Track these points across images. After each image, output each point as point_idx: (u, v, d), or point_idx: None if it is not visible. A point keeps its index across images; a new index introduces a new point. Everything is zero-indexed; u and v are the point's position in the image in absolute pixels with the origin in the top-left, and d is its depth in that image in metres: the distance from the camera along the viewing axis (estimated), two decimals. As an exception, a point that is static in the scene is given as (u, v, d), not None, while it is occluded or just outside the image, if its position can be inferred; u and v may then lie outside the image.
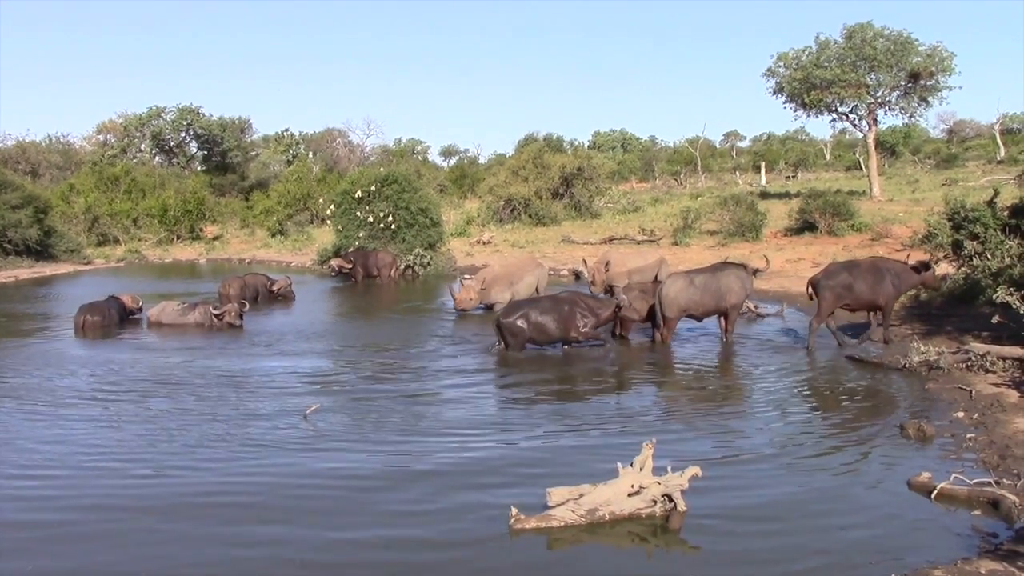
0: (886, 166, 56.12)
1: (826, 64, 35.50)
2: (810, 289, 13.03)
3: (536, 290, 17.63)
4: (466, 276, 18.04)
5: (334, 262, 24.56)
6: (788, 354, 12.50)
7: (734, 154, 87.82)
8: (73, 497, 7.45)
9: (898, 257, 14.69)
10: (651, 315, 13.54)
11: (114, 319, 16.67)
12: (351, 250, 25.28)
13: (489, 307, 17.13)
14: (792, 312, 15.74)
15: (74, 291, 24.19)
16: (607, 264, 17.64)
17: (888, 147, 65.36)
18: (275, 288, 20.59)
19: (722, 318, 13.42)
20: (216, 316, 16.23)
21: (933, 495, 6.69)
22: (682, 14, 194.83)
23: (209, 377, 11.94)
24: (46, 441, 9.06)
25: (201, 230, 44.08)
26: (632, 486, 6.51)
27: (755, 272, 13.86)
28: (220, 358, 13.33)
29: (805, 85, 36.00)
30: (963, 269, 13.95)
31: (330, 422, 9.44)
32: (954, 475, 6.85)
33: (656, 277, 16.81)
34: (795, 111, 37.98)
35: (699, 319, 13.56)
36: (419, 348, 14.09)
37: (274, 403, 10.36)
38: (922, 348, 10.81)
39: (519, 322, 12.72)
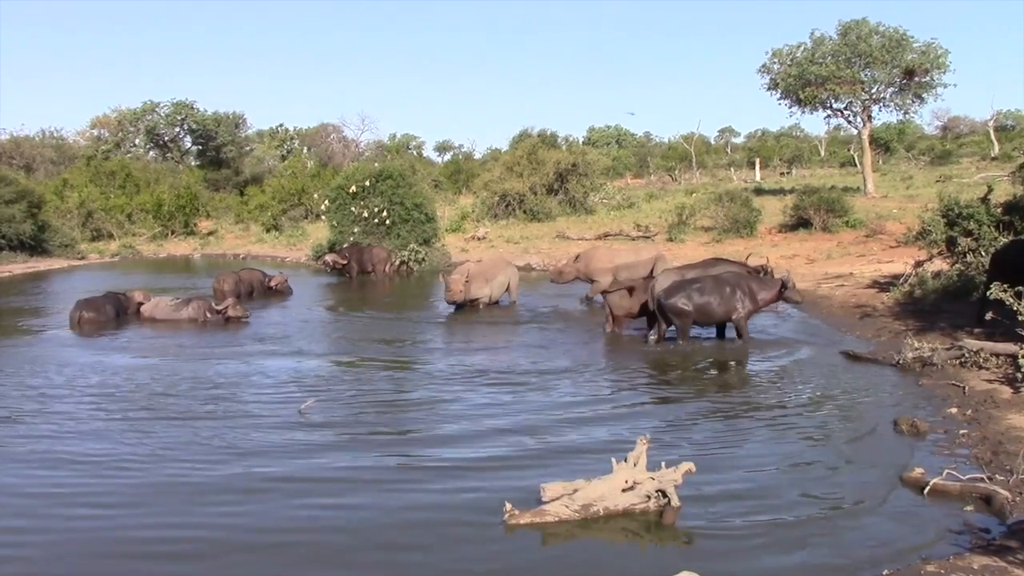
0: (880, 163, 56.23)
1: (821, 60, 35.52)
2: None
3: (508, 289, 17.56)
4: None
5: (328, 257, 24.48)
6: (781, 349, 12.52)
7: (729, 150, 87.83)
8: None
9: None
10: (644, 311, 13.56)
11: (110, 315, 16.56)
12: (346, 246, 25.24)
13: (472, 302, 17.02)
14: (786, 308, 15.70)
15: (66, 286, 24.17)
16: (577, 257, 17.70)
17: (882, 144, 65.41)
18: (272, 284, 20.61)
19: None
20: (218, 312, 16.18)
21: (926, 491, 6.71)
22: (677, 10, 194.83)
23: (188, 383, 11.52)
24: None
25: (195, 225, 43.97)
26: (626, 481, 6.52)
27: (761, 271, 13.70)
28: (208, 360, 13.09)
29: (800, 81, 36.00)
30: (957, 266, 13.98)
31: (325, 419, 9.42)
32: (947, 471, 6.86)
33: (652, 273, 16.82)
34: (790, 107, 38.11)
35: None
36: (417, 345, 14.08)
37: (262, 407, 10.34)
38: (916, 344, 10.83)
39: (681, 302, 12.58)
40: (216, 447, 8.44)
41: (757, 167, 61.01)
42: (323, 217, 29.94)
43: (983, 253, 12.83)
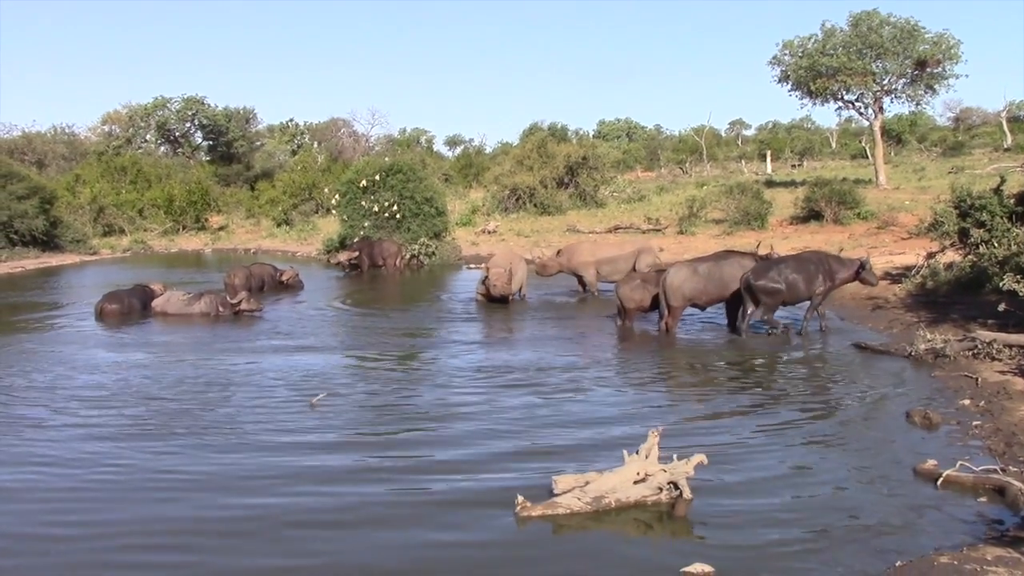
0: (892, 154, 55.95)
1: (832, 52, 35.32)
2: None
3: (522, 284, 17.52)
4: (473, 264, 18.02)
5: (341, 257, 24.34)
6: (793, 341, 12.50)
7: (739, 143, 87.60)
8: None
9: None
10: (655, 304, 13.56)
11: (134, 307, 16.74)
12: (356, 240, 25.30)
13: (503, 298, 16.92)
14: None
15: (77, 281, 24.31)
16: (559, 251, 17.91)
17: (894, 135, 65.09)
18: (283, 278, 20.70)
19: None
20: (233, 306, 16.25)
21: (939, 482, 6.69)
22: (687, 2, 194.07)
23: (202, 377, 11.65)
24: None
25: (206, 220, 44.20)
26: (638, 473, 6.52)
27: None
28: (223, 353, 13.22)
29: (811, 73, 35.81)
30: (969, 257, 13.92)
31: (335, 413, 9.46)
32: (960, 462, 6.84)
33: (635, 267, 16.76)
34: (801, 99, 37.87)
35: (703, 308, 13.57)
36: (431, 339, 14.12)
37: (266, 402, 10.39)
38: (928, 336, 10.80)
39: (772, 284, 12.70)
40: (226, 442, 8.46)
41: (768, 159, 60.80)
42: (333, 212, 30.02)
43: (995, 244, 12.76)
